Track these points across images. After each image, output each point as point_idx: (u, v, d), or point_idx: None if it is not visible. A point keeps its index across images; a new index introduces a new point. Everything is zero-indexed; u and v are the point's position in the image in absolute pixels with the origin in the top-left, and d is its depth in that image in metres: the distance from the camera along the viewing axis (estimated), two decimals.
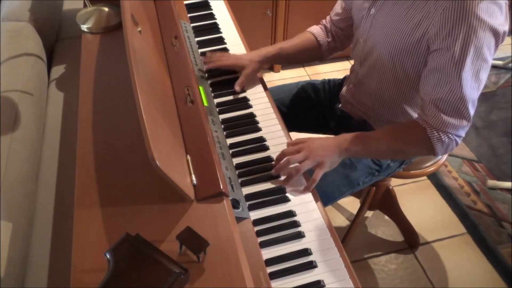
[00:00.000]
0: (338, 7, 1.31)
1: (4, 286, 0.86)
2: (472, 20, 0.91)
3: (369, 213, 1.84)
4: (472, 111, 1.01)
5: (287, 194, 0.97)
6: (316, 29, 1.34)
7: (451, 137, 1.02)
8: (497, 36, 0.94)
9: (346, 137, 1.05)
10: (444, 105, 0.99)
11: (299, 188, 0.99)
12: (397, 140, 1.06)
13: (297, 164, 1.00)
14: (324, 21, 1.36)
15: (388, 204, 1.66)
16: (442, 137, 1.01)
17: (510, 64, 2.52)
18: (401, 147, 1.07)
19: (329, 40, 1.33)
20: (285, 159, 1.00)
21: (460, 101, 0.98)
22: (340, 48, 1.36)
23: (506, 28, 0.95)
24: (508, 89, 2.41)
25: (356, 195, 1.66)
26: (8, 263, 0.89)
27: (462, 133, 1.03)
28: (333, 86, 1.42)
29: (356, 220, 1.63)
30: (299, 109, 1.40)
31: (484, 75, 0.98)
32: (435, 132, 1.01)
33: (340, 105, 1.35)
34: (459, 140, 1.04)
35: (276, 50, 1.29)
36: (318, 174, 0.99)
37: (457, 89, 0.97)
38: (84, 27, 1.26)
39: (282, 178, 1.01)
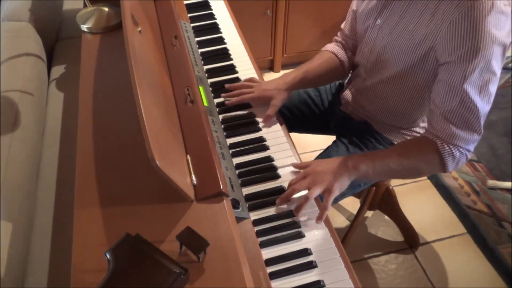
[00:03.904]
0: (349, 20, 1.28)
1: (4, 286, 0.86)
2: (480, 33, 0.90)
3: (369, 213, 1.83)
4: (482, 124, 0.98)
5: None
6: (333, 47, 1.29)
7: (462, 151, 0.99)
8: (504, 47, 0.93)
9: (353, 156, 1.00)
10: (454, 118, 0.97)
11: (312, 216, 0.93)
12: (407, 157, 1.00)
13: (303, 192, 0.94)
14: (337, 37, 1.32)
15: (388, 204, 1.66)
16: (453, 151, 0.98)
17: (510, 64, 2.52)
18: (412, 164, 1.01)
19: (349, 55, 1.29)
20: (290, 188, 0.94)
21: (470, 113, 0.96)
22: None
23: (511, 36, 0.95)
24: (508, 89, 2.40)
25: (356, 195, 1.66)
26: (8, 263, 0.89)
27: (472, 147, 1.00)
28: (334, 86, 1.42)
29: (356, 220, 1.63)
30: (299, 109, 1.40)
31: (493, 88, 0.96)
32: (446, 146, 0.98)
33: (341, 106, 1.35)
34: (469, 155, 1.01)
35: (301, 74, 1.21)
36: (329, 201, 0.93)
37: (468, 101, 0.95)
38: (84, 27, 1.26)
39: (292, 207, 0.94)
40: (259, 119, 1.15)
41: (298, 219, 0.92)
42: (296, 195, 0.94)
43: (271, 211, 0.94)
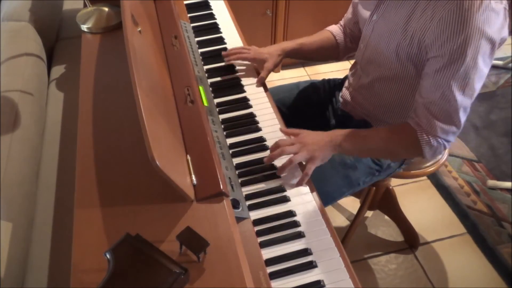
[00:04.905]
0: (349, 10, 1.32)
1: (4, 286, 0.86)
2: (469, 29, 0.91)
3: (369, 213, 1.84)
4: (463, 118, 1.02)
5: (287, 194, 0.97)
6: (335, 28, 1.36)
7: (440, 141, 1.03)
8: (493, 44, 0.94)
9: (339, 133, 1.07)
10: (435, 110, 1.00)
11: (293, 180, 1.00)
12: (387, 140, 1.07)
13: (290, 156, 1.01)
14: (341, 21, 1.37)
15: (388, 204, 1.66)
16: (431, 140, 1.02)
17: (510, 64, 2.52)
18: (390, 147, 1.08)
19: (346, 40, 1.34)
20: (279, 149, 1.01)
21: (451, 107, 0.99)
22: (356, 49, 1.35)
23: (504, 34, 0.95)
24: (508, 89, 2.41)
25: (356, 195, 1.66)
26: (8, 263, 0.89)
27: (452, 139, 1.05)
28: (334, 86, 1.43)
29: (356, 220, 1.63)
30: (299, 109, 1.40)
31: (478, 84, 0.98)
32: (424, 135, 1.03)
33: (340, 105, 1.35)
34: (447, 145, 1.05)
35: (295, 45, 1.31)
36: (311, 168, 1.00)
37: (450, 95, 0.98)
38: (84, 27, 1.26)
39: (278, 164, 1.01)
40: (259, 119, 1.15)
41: (279, 175, 1.01)
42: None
43: (271, 211, 0.94)
